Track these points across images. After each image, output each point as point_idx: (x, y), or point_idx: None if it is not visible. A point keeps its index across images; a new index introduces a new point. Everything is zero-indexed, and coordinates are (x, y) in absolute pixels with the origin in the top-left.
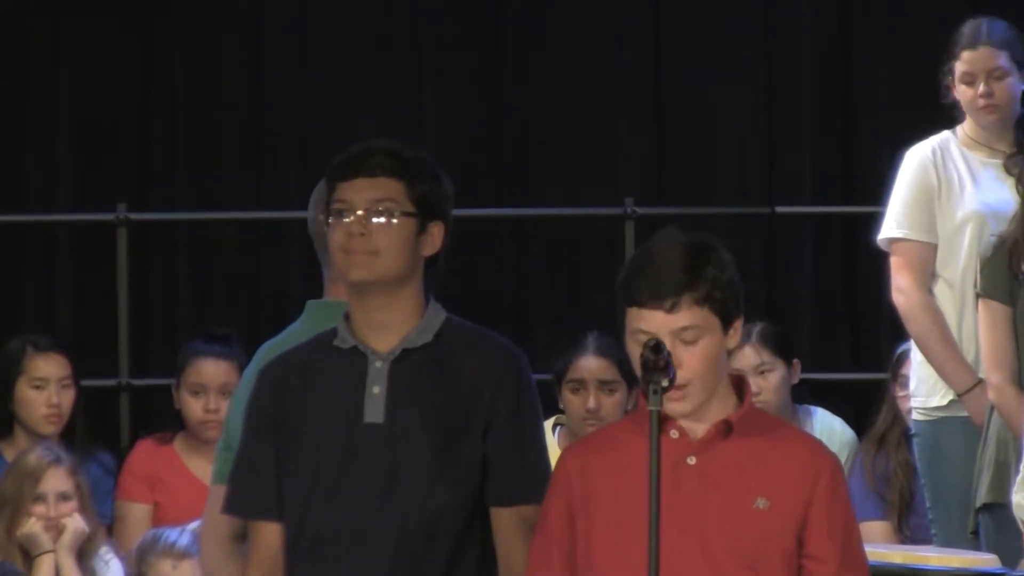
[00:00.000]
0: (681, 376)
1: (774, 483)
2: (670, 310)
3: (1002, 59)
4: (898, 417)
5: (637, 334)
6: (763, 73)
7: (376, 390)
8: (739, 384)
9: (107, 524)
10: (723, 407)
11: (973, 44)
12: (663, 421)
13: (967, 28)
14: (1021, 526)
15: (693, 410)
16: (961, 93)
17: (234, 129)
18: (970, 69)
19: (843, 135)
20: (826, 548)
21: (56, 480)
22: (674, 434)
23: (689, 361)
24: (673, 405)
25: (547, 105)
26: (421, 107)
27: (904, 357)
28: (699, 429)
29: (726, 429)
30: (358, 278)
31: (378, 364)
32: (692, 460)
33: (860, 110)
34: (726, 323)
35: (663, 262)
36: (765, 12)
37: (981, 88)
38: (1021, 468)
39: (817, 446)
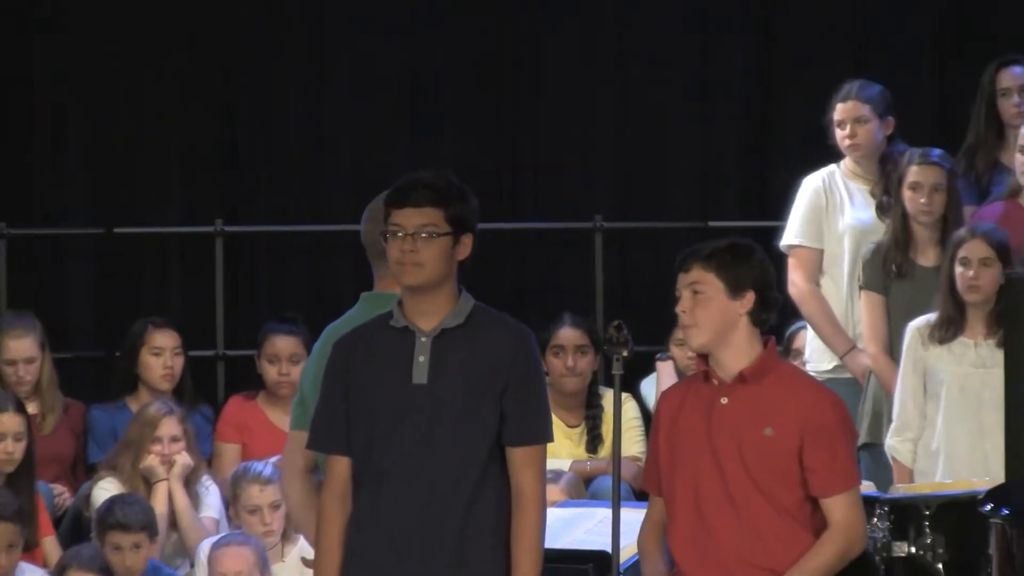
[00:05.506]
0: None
1: (777, 416)
2: (687, 271)
3: (865, 110)
4: None
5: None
6: (700, 118)
7: (421, 359)
8: (766, 342)
9: (207, 460)
10: (747, 357)
11: (844, 98)
12: (709, 374)
13: (845, 85)
14: (891, 462)
15: (699, 345)
16: (836, 134)
17: (299, 161)
18: (840, 117)
19: (760, 164)
20: (813, 458)
21: (169, 426)
22: (715, 381)
23: (692, 311)
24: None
25: (538, 142)
26: (441, 143)
27: (794, 336)
28: (727, 377)
29: (744, 377)
30: (408, 283)
31: (423, 340)
32: (724, 400)
33: (773, 145)
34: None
35: None
36: (703, 68)
37: (848, 131)
38: (894, 417)
39: (818, 388)
